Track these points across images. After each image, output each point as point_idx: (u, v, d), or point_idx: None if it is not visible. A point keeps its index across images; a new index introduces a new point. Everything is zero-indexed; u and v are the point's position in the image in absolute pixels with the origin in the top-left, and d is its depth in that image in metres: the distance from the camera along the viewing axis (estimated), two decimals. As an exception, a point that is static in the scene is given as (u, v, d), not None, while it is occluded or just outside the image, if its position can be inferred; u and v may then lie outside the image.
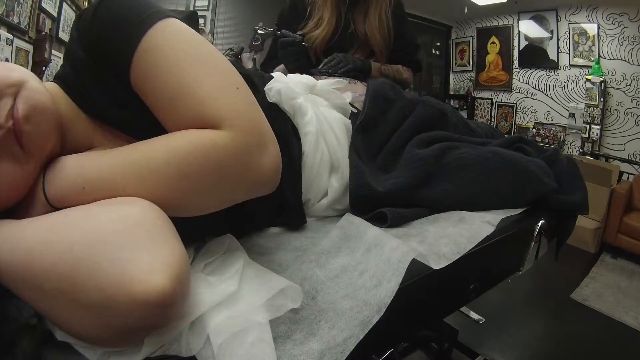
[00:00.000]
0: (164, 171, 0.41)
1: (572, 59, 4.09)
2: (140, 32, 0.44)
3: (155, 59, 0.43)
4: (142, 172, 0.41)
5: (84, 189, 0.42)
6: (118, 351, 0.36)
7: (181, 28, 0.46)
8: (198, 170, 0.41)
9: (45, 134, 0.44)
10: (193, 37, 0.47)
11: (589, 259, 2.77)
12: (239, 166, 0.43)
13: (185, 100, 0.43)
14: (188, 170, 0.41)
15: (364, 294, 0.47)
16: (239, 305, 0.40)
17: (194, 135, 0.42)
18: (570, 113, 4.13)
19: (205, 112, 0.42)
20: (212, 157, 0.41)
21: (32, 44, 1.82)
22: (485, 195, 0.74)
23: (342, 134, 0.74)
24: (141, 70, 0.44)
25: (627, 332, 1.92)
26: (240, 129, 0.42)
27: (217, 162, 0.41)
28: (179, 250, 0.38)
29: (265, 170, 0.45)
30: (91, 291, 0.34)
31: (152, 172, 0.41)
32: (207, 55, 0.46)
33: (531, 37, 4.42)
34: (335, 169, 0.72)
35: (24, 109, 0.41)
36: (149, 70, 0.44)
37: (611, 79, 3.81)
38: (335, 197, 0.71)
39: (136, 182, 0.41)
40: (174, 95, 0.43)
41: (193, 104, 0.43)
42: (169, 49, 0.44)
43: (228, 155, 0.42)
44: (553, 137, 4.29)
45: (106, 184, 0.42)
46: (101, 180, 0.42)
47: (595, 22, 3.84)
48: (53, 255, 0.35)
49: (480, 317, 1.58)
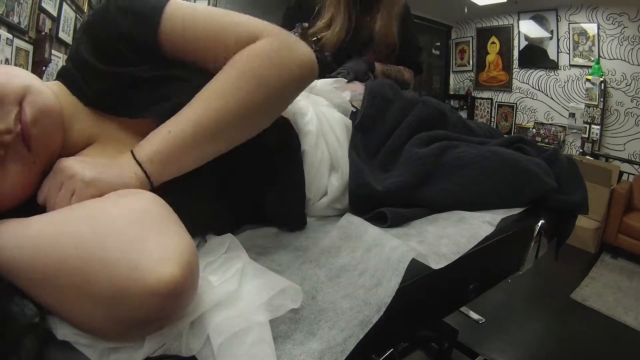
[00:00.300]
0: (242, 86, 0.49)
1: (572, 59, 4.09)
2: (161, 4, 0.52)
3: (184, 16, 0.52)
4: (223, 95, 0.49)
5: (169, 132, 0.47)
6: (118, 349, 0.36)
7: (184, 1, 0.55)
8: (269, 72, 0.51)
9: (51, 136, 0.46)
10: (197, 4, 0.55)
11: (589, 259, 2.77)
12: (290, 56, 0.52)
13: (226, 31, 0.52)
14: (260, 76, 0.50)
15: (364, 294, 0.47)
16: (239, 305, 0.40)
17: (248, 50, 0.51)
18: (570, 113, 4.13)
19: (245, 32, 0.52)
20: (272, 57, 0.51)
21: (32, 44, 1.82)
22: (484, 195, 0.74)
23: (342, 134, 0.74)
24: (173, 30, 0.52)
25: (627, 332, 1.92)
26: (274, 32, 0.53)
27: (277, 59, 0.51)
28: (187, 239, 0.38)
29: (306, 55, 0.54)
30: (104, 284, 0.34)
31: (233, 92, 0.49)
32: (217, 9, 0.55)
33: (531, 37, 4.42)
34: (335, 169, 0.72)
35: (32, 113, 0.43)
36: (183, 26, 0.52)
37: (611, 79, 3.81)
38: (335, 196, 0.71)
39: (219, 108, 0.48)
40: (216, 32, 0.52)
41: (234, 31, 0.52)
42: (192, 7, 0.53)
43: (282, 50, 0.52)
44: (553, 137, 4.29)
45: (190, 119, 0.48)
46: (185, 118, 0.48)
47: (595, 22, 3.84)
48: (63, 251, 0.35)
49: (480, 317, 1.58)
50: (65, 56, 2.16)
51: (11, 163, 0.43)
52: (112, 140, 0.54)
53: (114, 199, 0.41)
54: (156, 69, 0.52)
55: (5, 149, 0.42)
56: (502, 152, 0.76)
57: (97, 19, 0.54)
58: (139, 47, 0.52)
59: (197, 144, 0.48)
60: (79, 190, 0.42)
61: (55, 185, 0.43)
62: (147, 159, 0.46)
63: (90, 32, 0.54)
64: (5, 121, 0.42)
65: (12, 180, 0.43)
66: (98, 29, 0.53)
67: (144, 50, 0.52)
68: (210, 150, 0.50)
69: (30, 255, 0.37)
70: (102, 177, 0.43)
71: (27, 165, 0.44)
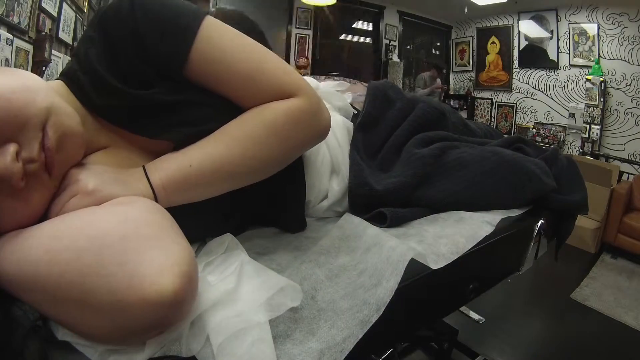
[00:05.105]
0: (267, 140, 0.50)
1: (572, 59, 4.09)
2: (196, 24, 0.48)
3: (220, 46, 0.49)
4: (246, 145, 0.49)
5: (190, 166, 0.47)
6: (119, 350, 0.36)
7: (220, 22, 0.52)
8: (294, 134, 0.52)
9: (74, 158, 0.45)
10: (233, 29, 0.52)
11: (589, 259, 2.77)
12: (315, 121, 0.54)
13: (265, 77, 0.51)
14: (285, 135, 0.51)
15: (363, 294, 0.47)
16: (238, 305, 0.40)
17: (282, 108, 0.51)
18: (570, 113, 4.14)
19: (284, 85, 0.51)
20: (302, 120, 0.52)
21: (32, 44, 1.82)
22: (484, 195, 0.74)
23: (343, 137, 0.74)
24: (206, 57, 0.49)
25: (627, 332, 1.92)
26: (309, 94, 0.53)
27: (306, 123, 0.52)
28: (186, 248, 0.38)
29: (328, 121, 0.56)
30: (103, 296, 0.34)
31: (255, 143, 0.49)
32: (253, 41, 0.53)
33: (531, 37, 4.42)
34: (335, 172, 0.72)
35: (56, 138, 0.40)
36: (217, 56, 0.49)
37: (611, 79, 3.81)
38: (336, 200, 0.71)
39: (241, 154, 0.48)
40: (253, 74, 0.50)
41: (272, 79, 0.51)
42: (228, 37, 0.51)
43: (310, 115, 0.53)
44: (553, 137, 4.29)
45: (212, 157, 0.48)
46: (207, 155, 0.48)
47: (595, 22, 3.84)
48: (60, 265, 0.35)
49: (480, 317, 1.59)
50: (65, 56, 2.16)
51: (33, 191, 0.40)
52: (118, 149, 0.52)
53: (110, 209, 0.40)
54: (176, 92, 0.49)
55: (28, 177, 0.39)
56: (502, 152, 0.76)
57: (115, 17, 0.47)
58: (160, 63, 0.48)
59: (211, 183, 0.48)
60: (78, 198, 0.41)
61: (61, 188, 0.43)
62: (160, 184, 0.46)
63: (104, 31, 0.48)
64: (28, 149, 0.39)
65: (34, 207, 0.41)
66: (114, 29, 0.47)
67: (165, 68, 0.48)
68: (220, 188, 0.50)
69: (29, 270, 0.36)
70: (104, 189, 0.42)
71: (48, 189, 0.42)
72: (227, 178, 0.49)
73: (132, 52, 0.47)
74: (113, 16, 0.47)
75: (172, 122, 0.50)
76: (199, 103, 0.50)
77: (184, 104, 0.50)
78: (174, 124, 0.49)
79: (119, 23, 0.47)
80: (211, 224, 0.56)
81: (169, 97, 0.49)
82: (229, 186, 0.51)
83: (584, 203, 0.84)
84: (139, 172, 0.47)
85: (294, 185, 0.65)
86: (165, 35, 0.47)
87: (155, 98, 0.48)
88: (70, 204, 0.41)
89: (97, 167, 0.46)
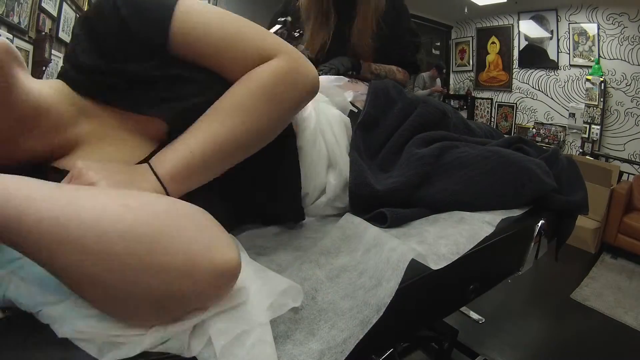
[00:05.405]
0: (259, 106, 0.51)
1: (572, 59, 4.09)
2: (173, 1, 0.50)
3: (198, 19, 0.51)
4: (239, 116, 0.50)
5: (191, 152, 0.48)
6: (118, 344, 0.36)
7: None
8: (283, 93, 0.53)
9: None
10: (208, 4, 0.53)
11: (589, 259, 2.77)
12: (301, 78, 0.54)
13: (244, 44, 0.52)
14: (275, 96, 0.52)
15: (364, 294, 0.47)
16: (240, 307, 0.40)
17: (265, 71, 0.52)
18: (570, 113, 4.14)
19: (263, 49, 0.53)
20: (288, 79, 0.53)
21: (32, 44, 1.82)
22: (484, 195, 0.74)
23: (340, 131, 0.74)
24: (186, 31, 0.50)
25: (627, 332, 1.92)
26: (288, 52, 0.54)
27: (292, 80, 0.53)
28: None
29: (314, 74, 0.56)
30: (176, 256, 0.35)
31: (248, 112, 0.50)
32: (229, 12, 0.55)
33: (531, 37, 4.42)
34: (332, 166, 0.71)
35: None
36: (197, 29, 0.50)
37: (611, 79, 3.81)
38: (334, 195, 0.71)
39: (236, 127, 0.50)
40: (232, 43, 0.52)
41: (251, 46, 0.53)
42: (205, 10, 0.52)
43: (294, 72, 0.54)
44: (553, 137, 4.29)
45: (210, 139, 0.48)
46: (204, 138, 0.48)
47: (595, 22, 3.84)
48: (136, 219, 0.35)
49: (480, 317, 1.59)
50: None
51: None
52: (116, 138, 0.53)
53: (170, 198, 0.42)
54: (165, 68, 0.51)
55: None
56: (503, 152, 0.76)
57: (97, 12, 0.50)
58: (145, 45, 0.50)
59: (215, 163, 0.50)
60: None
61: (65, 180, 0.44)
62: (168, 178, 0.47)
63: (89, 27, 0.50)
64: None
65: None
66: (98, 21, 0.49)
67: (151, 48, 0.50)
68: (225, 167, 0.52)
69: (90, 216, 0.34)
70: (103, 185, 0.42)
71: None
72: (230, 154, 0.51)
73: (118, 40, 0.49)
74: (96, 10, 0.50)
75: (163, 97, 0.51)
76: (188, 78, 0.52)
77: (172, 79, 0.51)
78: (165, 99, 0.51)
79: (102, 15, 0.49)
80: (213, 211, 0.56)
81: (157, 72, 0.50)
82: (234, 160, 0.53)
83: (584, 203, 0.84)
84: (144, 168, 0.47)
85: (288, 170, 0.65)
86: (146, 16, 0.49)
87: (145, 72, 0.50)
88: None
89: (105, 167, 0.45)
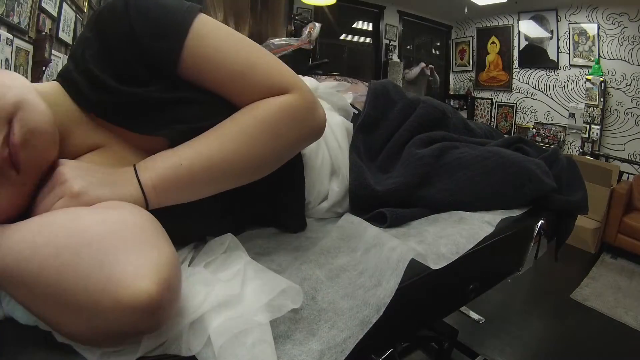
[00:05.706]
0: (261, 137, 0.49)
1: (572, 59, 4.09)
2: (188, 22, 0.48)
3: (212, 43, 0.49)
4: (239, 142, 0.48)
5: (181, 165, 0.46)
6: (117, 351, 0.36)
7: (213, 19, 0.51)
8: (288, 130, 0.51)
9: (43, 156, 0.43)
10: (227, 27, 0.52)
11: (589, 259, 2.77)
12: (309, 118, 0.53)
13: (256, 73, 0.51)
14: (279, 131, 0.50)
15: (364, 294, 0.47)
16: (239, 306, 0.40)
17: (275, 103, 0.50)
18: (570, 113, 4.13)
19: (276, 82, 0.51)
20: (296, 117, 0.51)
21: (32, 44, 1.82)
22: (484, 195, 0.74)
23: (343, 138, 0.74)
24: (198, 54, 0.48)
25: (627, 332, 1.92)
26: (302, 90, 0.52)
27: (299, 119, 0.52)
28: (168, 253, 0.37)
29: (322, 118, 0.55)
30: (79, 296, 0.33)
31: (250, 140, 0.48)
32: (245, 38, 0.53)
33: (531, 37, 4.42)
34: (335, 173, 0.71)
35: (21, 134, 0.39)
36: (209, 53, 0.49)
37: (611, 79, 3.81)
38: (336, 201, 0.71)
39: (234, 152, 0.48)
40: (244, 71, 0.50)
41: (264, 76, 0.51)
42: (221, 34, 0.50)
43: (304, 111, 0.52)
44: (553, 137, 4.29)
45: (204, 156, 0.47)
46: (198, 153, 0.47)
47: (595, 22, 3.84)
48: (40, 261, 0.34)
49: (480, 317, 1.58)
50: (65, 56, 2.15)
51: None
52: (113, 148, 0.52)
53: (93, 209, 0.39)
54: (170, 90, 0.49)
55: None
56: (502, 152, 0.76)
57: (110, 17, 0.48)
58: (154, 62, 0.48)
59: (203, 182, 0.47)
60: (64, 200, 0.41)
61: (48, 186, 0.42)
62: (150, 184, 0.45)
63: (99, 31, 0.49)
64: None
65: (2, 203, 0.39)
66: (109, 29, 0.48)
67: (159, 66, 0.48)
68: (211, 189, 0.49)
69: (12, 264, 0.35)
70: (91, 191, 0.42)
71: (16, 187, 0.40)
72: (219, 177, 0.48)
73: (127, 51, 0.47)
74: (108, 16, 0.48)
75: (166, 119, 0.49)
76: (194, 101, 0.50)
77: (178, 101, 0.50)
78: (168, 121, 0.49)
79: (114, 23, 0.47)
80: (209, 222, 0.56)
81: (164, 94, 0.49)
82: (223, 186, 0.50)
83: (584, 203, 0.84)
84: (129, 172, 0.46)
85: (293, 185, 0.65)
86: (159, 34, 0.47)
87: (150, 95, 0.48)
88: (57, 206, 0.41)
89: (87, 167, 0.45)
